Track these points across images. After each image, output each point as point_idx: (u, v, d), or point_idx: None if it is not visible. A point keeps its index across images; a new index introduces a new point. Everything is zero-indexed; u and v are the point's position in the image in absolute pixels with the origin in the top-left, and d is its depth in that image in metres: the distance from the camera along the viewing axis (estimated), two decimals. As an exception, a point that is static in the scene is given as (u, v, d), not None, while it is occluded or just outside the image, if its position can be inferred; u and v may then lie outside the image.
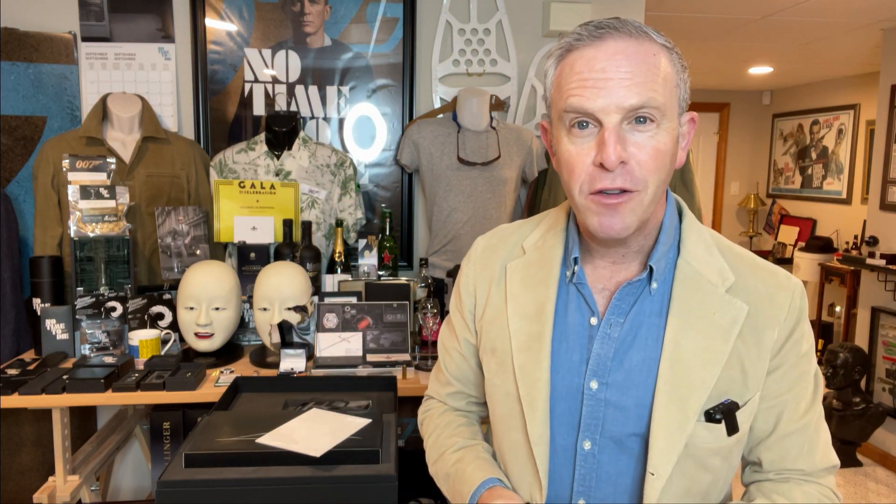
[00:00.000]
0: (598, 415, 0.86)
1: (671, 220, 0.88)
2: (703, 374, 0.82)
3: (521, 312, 0.92)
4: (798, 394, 0.86)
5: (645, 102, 0.76)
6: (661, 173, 0.79)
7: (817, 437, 0.88)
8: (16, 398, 1.71)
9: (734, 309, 0.83)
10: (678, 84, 0.81)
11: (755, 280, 0.86)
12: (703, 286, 0.84)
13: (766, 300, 0.84)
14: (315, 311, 1.99)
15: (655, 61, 0.78)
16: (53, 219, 2.34)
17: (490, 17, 2.79)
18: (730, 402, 0.82)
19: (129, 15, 2.59)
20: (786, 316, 0.85)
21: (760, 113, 6.49)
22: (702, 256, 0.86)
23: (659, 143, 0.78)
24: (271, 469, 1.15)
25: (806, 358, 0.87)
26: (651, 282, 0.86)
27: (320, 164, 2.46)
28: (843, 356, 3.57)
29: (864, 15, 3.38)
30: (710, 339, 0.83)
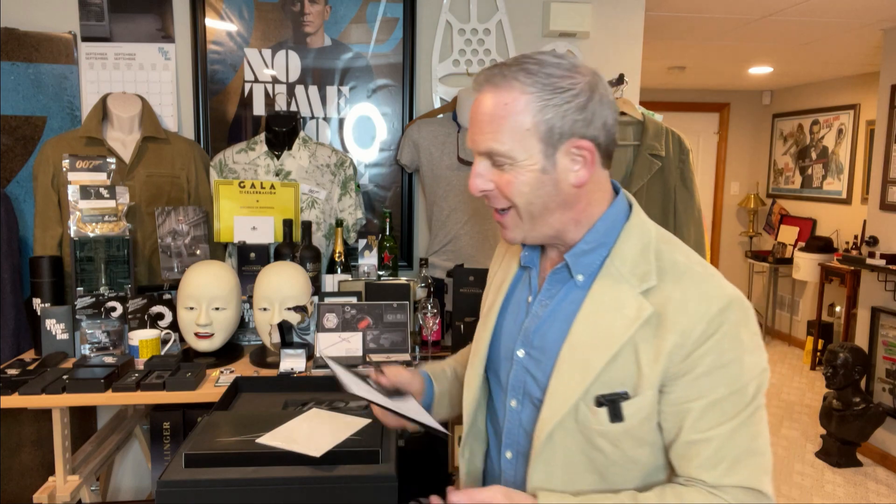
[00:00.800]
0: (521, 378, 1.01)
1: (608, 225, 0.97)
2: (593, 359, 0.91)
3: (494, 287, 1.13)
4: (707, 404, 0.87)
5: (489, 151, 0.92)
6: (522, 198, 0.93)
7: (727, 453, 0.87)
8: (16, 398, 1.71)
9: (640, 309, 0.90)
10: (536, 126, 0.89)
11: (675, 287, 0.90)
12: (621, 284, 0.92)
13: (678, 307, 0.88)
14: (315, 311, 1.99)
15: (504, 111, 0.90)
16: (53, 219, 2.34)
17: (490, 17, 2.79)
18: (621, 393, 0.90)
19: (129, 15, 2.59)
20: (693, 325, 0.87)
21: (760, 113, 6.49)
22: (630, 258, 0.94)
23: (513, 178, 0.92)
24: (271, 469, 1.15)
25: (721, 371, 0.87)
26: (574, 274, 0.97)
27: (320, 164, 2.46)
28: (843, 356, 3.57)
29: (864, 15, 3.38)
30: (608, 330, 0.91)
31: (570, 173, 0.93)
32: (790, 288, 6.05)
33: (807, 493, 3.36)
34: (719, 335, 0.87)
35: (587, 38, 2.86)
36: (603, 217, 0.97)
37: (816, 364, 5.34)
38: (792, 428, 4.19)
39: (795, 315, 6.03)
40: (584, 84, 0.91)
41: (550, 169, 0.92)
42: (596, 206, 0.98)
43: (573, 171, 0.93)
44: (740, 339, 0.88)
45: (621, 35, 2.89)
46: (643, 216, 0.99)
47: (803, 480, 3.50)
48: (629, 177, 2.34)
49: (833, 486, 3.45)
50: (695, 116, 6.40)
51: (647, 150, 2.32)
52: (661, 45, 4.25)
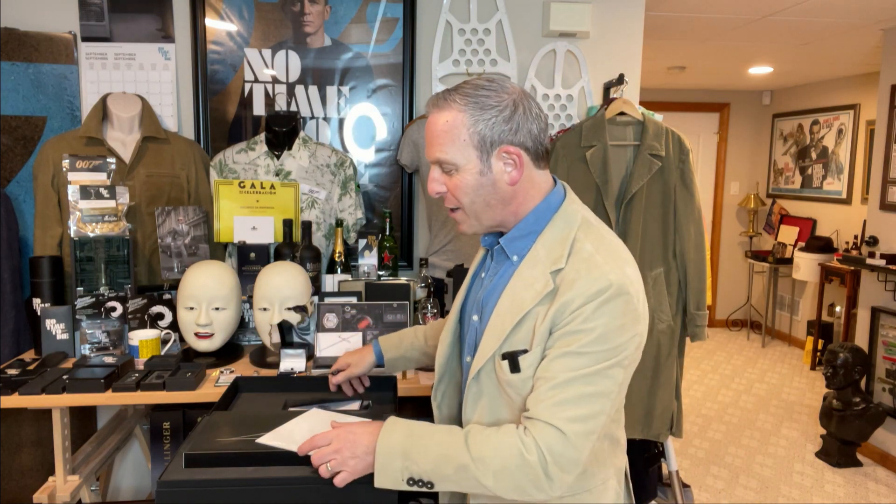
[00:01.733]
0: (473, 338, 1.22)
1: (538, 216, 1.16)
2: (505, 322, 1.12)
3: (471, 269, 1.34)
4: (560, 353, 1.05)
5: (438, 160, 1.14)
6: (466, 198, 1.14)
7: (556, 394, 1.03)
8: (16, 398, 1.71)
9: (546, 284, 1.09)
10: (470, 137, 1.10)
11: (572, 269, 1.09)
12: (538, 264, 1.12)
13: (569, 284, 1.07)
14: (315, 311, 1.99)
15: (445, 127, 1.12)
16: (53, 219, 2.34)
17: (490, 17, 2.79)
18: (521, 350, 1.10)
19: (129, 15, 2.59)
20: (576, 296, 1.05)
21: (760, 113, 6.49)
22: (550, 243, 1.13)
23: (458, 180, 1.13)
24: (271, 469, 1.15)
25: (582, 334, 1.04)
26: (510, 255, 1.17)
27: (320, 164, 2.46)
28: (843, 356, 3.57)
29: (864, 15, 3.38)
30: (520, 300, 1.11)
31: (503, 174, 1.13)
32: (790, 288, 6.05)
33: (807, 493, 3.37)
34: (589, 307, 1.04)
35: (587, 38, 2.86)
36: (534, 209, 1.17)
37: (816, 364, 5.34)
38: (792, 428, 4.19)
39: (795, 315, 6.03)
40: (508, 101, 1.11)
41: (487, 171, 1.13)
42: (531, 201, 1.17)
43: (506, 173, 1.13)
44: (604, 313, 1.05)
45: (621, 35, 2.89)
46: (573, 206, 1.18)
47: (803, 480, 3.50)
48: (629, 177, 2.34)
49: (833, 486, 3.45)
50: (695, 116, 6.40)
51: (647, 150, 2.32)
52: (661, 45, 4.25)
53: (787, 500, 3.28)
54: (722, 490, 3.37)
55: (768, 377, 5.19)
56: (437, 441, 1.07)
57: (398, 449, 1.06)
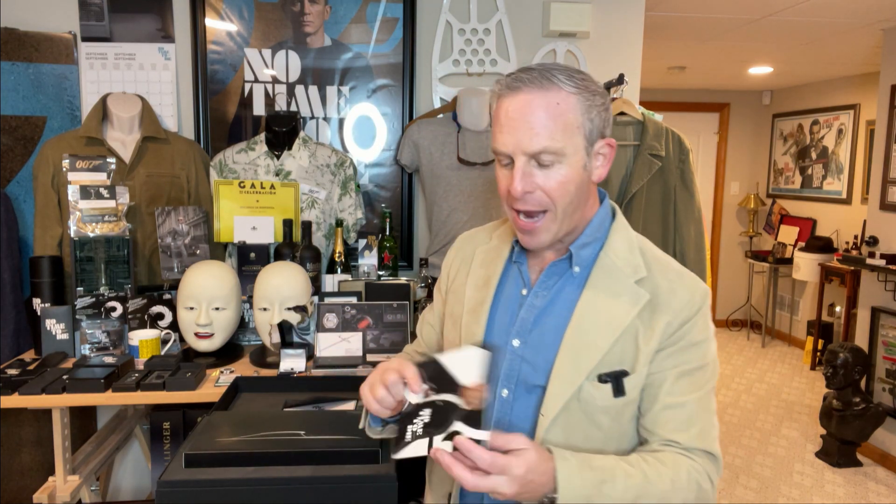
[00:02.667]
0: (515, 367, 1.05)
1: (601, 221, 1.08)
2: (598, 341, 1.00)
3: (475, 283, 1.15)
4: (681, 373, 1.00)
5: (543, 149, 0.97)
6: (566, 197, 1.00)
7: (697, 419, 1.00)
8: (16, 398, 1.71)
9: (637, 295, 1.01)
10: (583, 124, 0.98)
11: (662, 278, 1.03)
12: (617, 275, 1.03)
13: (667, 293, 1.01)
14: (315, 311, 1.99)
15: (556, 111, 0.97)
16: (53, 219, 2.34)
17: (490, 17, 2.79)
18: (621, 370, 0.99)
19: (129, 15, 2.59)
20: (681, 308, 1.00)
21: (760, 113, 6.49)
22: (622, 252, 1.05)
23: (560, 175, 0.99)
24: (271, 469, 1.15)
25: (696, 347, 1.01)
26: (573, 266, 1.05)
27: (320, 164, 2.46)
28: (843, 356, 3.57)
29: (864, 15, 3.38)
30: (611, 315, 1.00)
31: (594, 170, 1.03)
32: (790, 288, 6.05)
33: (807, 493, 3.37)
34: (697, 317, 1.01)
35: (587, 38, 2.86)
36: (597, 214, 1.08)
37: (816, 364, 5.34)
38: (792, 428, 4.19)
39: (795, 315, 6.03)
40: (602, 88, 1.02)
41: (588, 165, 1.02)
42: (595, 203, 1.09)
43: (597, 168, 1.04)
44: (709, 325, 1.04)
45: (621, 35, 2.89)
46: (625, 220, 1.12)
47: (803, 480, 3.50)
48: (629, 177, 2.34)
49: (833, 486, 3.45)
50: (695, 116, 6.40)
51: (647, 150, 2.32)
52: (661, 45, 4.25)
53: (787, 500, 3.28)
54: (722, 490, 3.37)
55: (768, 377, 5.19)
56: (620, 488, 0.94)
57: (581, 494, 0.92)
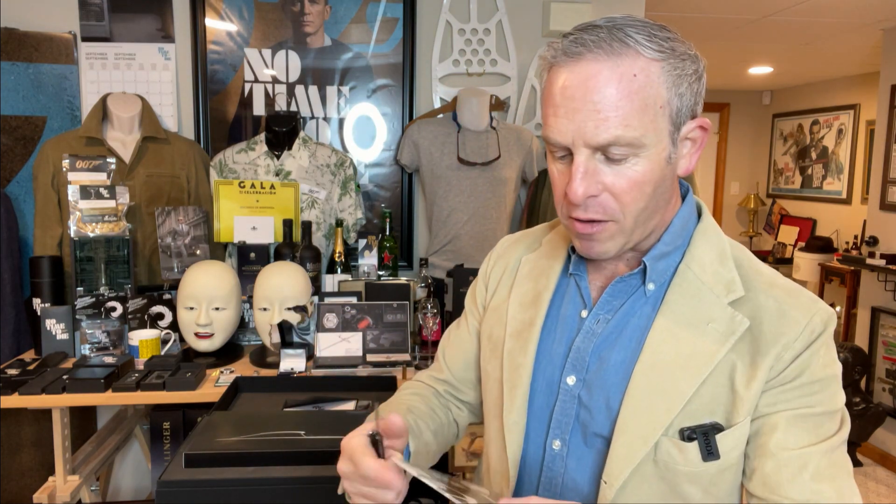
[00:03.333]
0: (570, 412, 0.81)
1: (683, 223, 0.82)
2: (680, 384, 0.74)
3: (521, 300, 0.90)
4: (797, 417, 0.73)
5: (614, 140, 0.71)
6: (639, 203, 0.75)
7: (827, 476, 0.72)
8: (16, 398, 1.71)
9: (733, 321, 0.75)
10: (670, 102, 0.73)
11: (767, 297, 0.77)
12: (703, 294, 0.78)
13: (776, 316, 0.75)
14: (315, 311, 1.99)
15: (634, 85, 0.70)
16: (53, 219, 2.34)
17: (490, 17, 2.79)
18: (711, 424, 0.74)
19: (129, 15, 2.59)
20: (797, 336, 0.74)
21: (760, 113, 6.49)
22: (709, 264, 0.79)
23: (636, 173, 0.73)
24: (271, 469, 1.15)
25: (818, 386, 0.74)
26: (646, 282, 0.80)
27: (320, 164, 2.46)
28: (843, 356, 3.57)
29: (864, 15, 3.38)
30: (696, 348, 0.75)
31: (681, 160, 0.78)
32: (790, 288, 6.05)
33: (807, 493, 3.37)
34: (818, 345, 0.74)
35: (587, 38, 2.85)
36: (678, 214, 0.82)
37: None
38: (792, 428, 4.19)
39: (795, 315, 6.03)
40: (693, 50, 0.76)
41: (673, 156, 0.76)
42: (677, 203, 0.83)
43: (683, 158, 0.78)
44: (835, 357, 0.76)
45: (621, 35, 2.88)
46: (714, 221, 0.85)
47: (803, 480, 3.50)
48: (629, 177, 2.34)
49: (833, 486, 3.45)
50: (695, 116, 6.40)
51: (647, 150, 2.32)
52: (661, 45, 4.24)
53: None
54: (722, 490, 3.37)
55: (768, 377, 5.19)
56: None
57: None
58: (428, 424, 0.92)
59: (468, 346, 1.00)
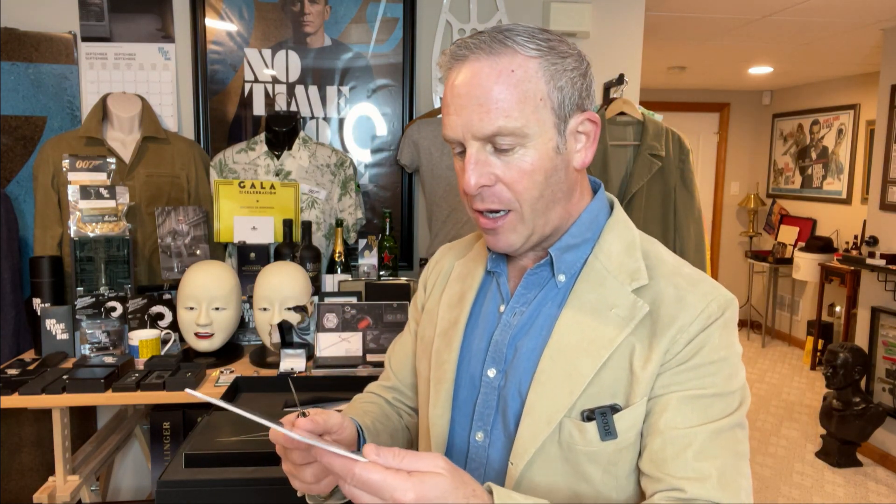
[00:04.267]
0: (491, 404, 0.84)
1: (592, 217, 0.86)
2: (582, 367, 0.77)
3: (449, 301, 0.94)
4: (688, 398, 0.75)
5: (497, 130, 0.75)
6: (532, 191, 0.78)
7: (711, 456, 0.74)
8: (16, 398, 1.71)
9: (634, 307, 0.79)
10: (549, 95, 0.77)
11: (668, 284, 0.80)
12: (608, 282, 0.81)
13: (674, 302, 0.78)
14: (315, 311, 1.99)
15: (512, 79, 0.75)
16: (53, 219, 2.34)
17: (490, 17, 2.79)
18: (611, 405, 0.77)
19: (129, 15, 2.59)
20: (692, 319, 0.77)
21: (760, 113, 6.49)
22: (616, 255, 0.83)
23: (525, 163, 0.77)
24: (271, 469, 1.15)
25: (711, 368, 0.76)
26: (556, 273, 0.84)
27: (320, 164, 2.46)
28: (843, 356, 3.57)
29: (864, 15, 3.38)
30: (597, 333, 0.78)
31: (574, 154, 0.82)
32: (790, 288, 6.05)
33: (807, 493, 3.36)
34: (713, 329, 0.77)
35: (587, 38, 2.86)
36: (587, 209, 0.86)
37: (816, 364, 5.34)
38: (792, 428, 4.19)
39: (795, 315, 6.03)
40: (576, 50, 0.81)
41: (562, 148, 0.79)
42: (585, 196, 0.87)
43: (577, 152, 0.82)
44: (731, 342, 0.79)
45: (621, 35, 2.89)
46: (624, 215, 0.90)
47: (803, 480, 3.50)
48: (629, 177, 2.34)
49: (833, 486, 3.45)
50: (695, 116, 6.40)
51: (647, 150, 2.32)
52: (661, 45, 4.25)
53: (787, 500, 3.28)
54: (722, 490, 3.37)
55: (768, 377, 5.19)
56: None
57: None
58: (385, 426, 0.95)
59: (410, 350, 1.04)
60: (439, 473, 0.61)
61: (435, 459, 0.63)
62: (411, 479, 0.60)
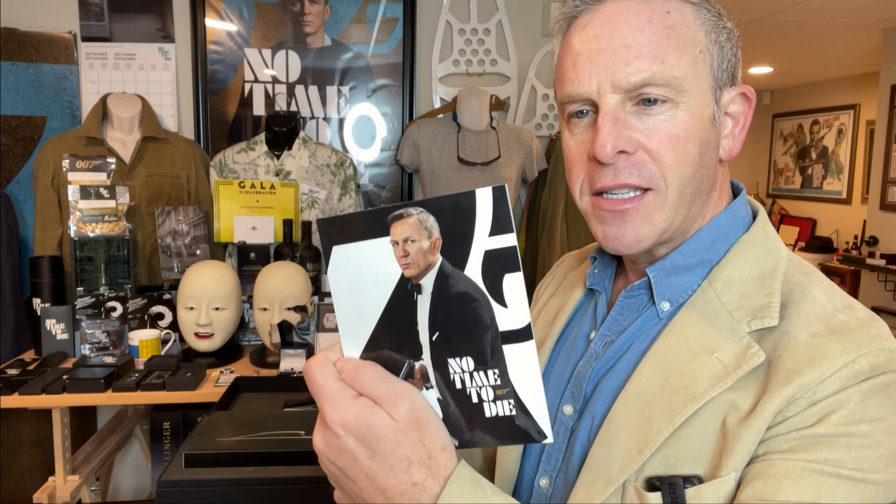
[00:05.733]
0: (561, 447, 0.68)
1: (718, 232, 0.66)
2: (657, 420, 0.59)
3: (544, 318, 0.80)
4: (808, 470, 0.53)
5: (649, 78, 0.59)
6: (685, 166, 0.61)
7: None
8: (16, 398, 1.71)
9: (745, 354, 0.58)
10: (709, 48, 0.62)
11: (802, 329, 0.58)
12: (719, 317, 0.61)
13: (802, 350, 0.56)
14: (315, 311, 1.99)
15: (668, 21, 0.60)
16: (53, 219, 2.34)
17: (490, 17, 2.79)
18: (689, 475, 0.58)
19: (129, 15, 2.59)
20: (826, 377, 0.54)
21: (760, 113, 6.49)
22: (738, 283, 0.63)
23: (676, 126, 0.60)
24: (271, 469, 1.15)
25: (851, 441, 0.53)
26: (657, 300, 0.66)
27: (320, 164, 2.46)
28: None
29: (864, 15, 3.38)
30: (686, 380, 0.59)
31: (722, 140, 0.65)
32: (790, 288, 6.05)
33: (807, 493, 3.36)
34: (859, 389, 0.54)
35: (587, 38, 2.86)
36: (713, 221, 0.66)
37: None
38: (792, 428, 4.19)
39: (795, 315, 6.04)
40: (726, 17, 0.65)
41: (717, 121, 0.63)
42: (719, 202, 0.68)
43: (725, 138, 0.66)
44: (884, 413, 0.54)
45: (621, 35, 2.89)
46: (771, 231, 0.68)
47: (803, 480, 3.50)
48: (629, 177, 2.33)
49: (833, 486, 3.44)
50: (695, 116, 6.41)
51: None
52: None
53: (787, 500, 3.28)
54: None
55: (768, 377, 5.19)
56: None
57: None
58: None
59: None
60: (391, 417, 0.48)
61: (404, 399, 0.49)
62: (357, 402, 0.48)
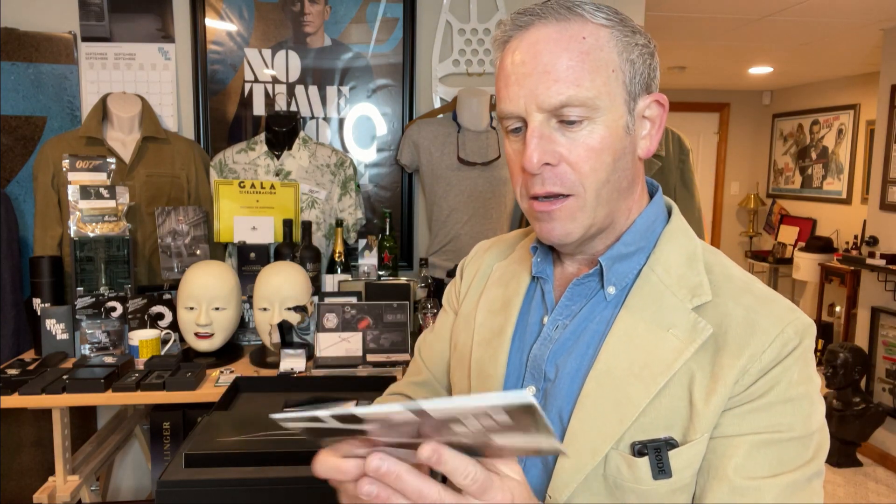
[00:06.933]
0: None
1: (648, 224, 0.77)
2: (633, 394, 0.69)
3: (490, 307, 0.85)
4: (761, 442, 0.66)
5: (567, 100, 0.68)
6: (599, 173, 0.70)
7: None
8: (16, 398, 1.71)
9: (695, 328, 0.69)
10: (621, 67, 0.70)
11: (736, 304, 0.70)
12: (665, 299, 0.72)
13: (743, 326, 0.69)
14: (315, 311, 1.99)
15: (583, 46, 0.69)
16: (53, 219, 2.34)
17: (490, 17, 2.79)
18: (666, 438, 0.68)
19: (129, 15, 2.59)
20: (765, 348, 0.67)
21: (760, 113, 6.49)
22: (675, 267, 0.74)
23: (593, 141, 0.69)
24: (271, 469, 1.15)
25: (789, 406, 0.67)
26: (605, 285, 0.75)
27: (320, 164, 2.46)
28: (843, 356, 3.57)
29: (864, 15, 3.38)
30: (652, 356, 0.69)
31: (640, 141, 0.74)
32: (790, 288, 6.05)
33: (807, 493, 3.37)
34: (791, 361, 0.67)
35: (587, 38, 2.86)
36: (643, 214, 0.77)
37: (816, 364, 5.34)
38: (792, 428, 4.19)
39: (795, 315, 6.03)
40: (641, 30, 0.74)
41: (631, 129, 0.72)
42: (643, 197, 0.78)
43: (642, 139, 0.74)
44: (811, 373, 0.69)
45: (621, 35, 2.89)
46: (685, 223, 0.81)
47: (803, 480, 3.50)
48: (629, 177, 2.34)
49: (833, 486, 3.45)
50: (695, 116, 6.40)
51: (647, 150, 2.32)
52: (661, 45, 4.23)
53: (787, 500, 3.28)
54: (722, 490, 3.37)
55: (768, 377, 5.19)
56: None
57: None
58: None
59: (448, 344, 0.94)
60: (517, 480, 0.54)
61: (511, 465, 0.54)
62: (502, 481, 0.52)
